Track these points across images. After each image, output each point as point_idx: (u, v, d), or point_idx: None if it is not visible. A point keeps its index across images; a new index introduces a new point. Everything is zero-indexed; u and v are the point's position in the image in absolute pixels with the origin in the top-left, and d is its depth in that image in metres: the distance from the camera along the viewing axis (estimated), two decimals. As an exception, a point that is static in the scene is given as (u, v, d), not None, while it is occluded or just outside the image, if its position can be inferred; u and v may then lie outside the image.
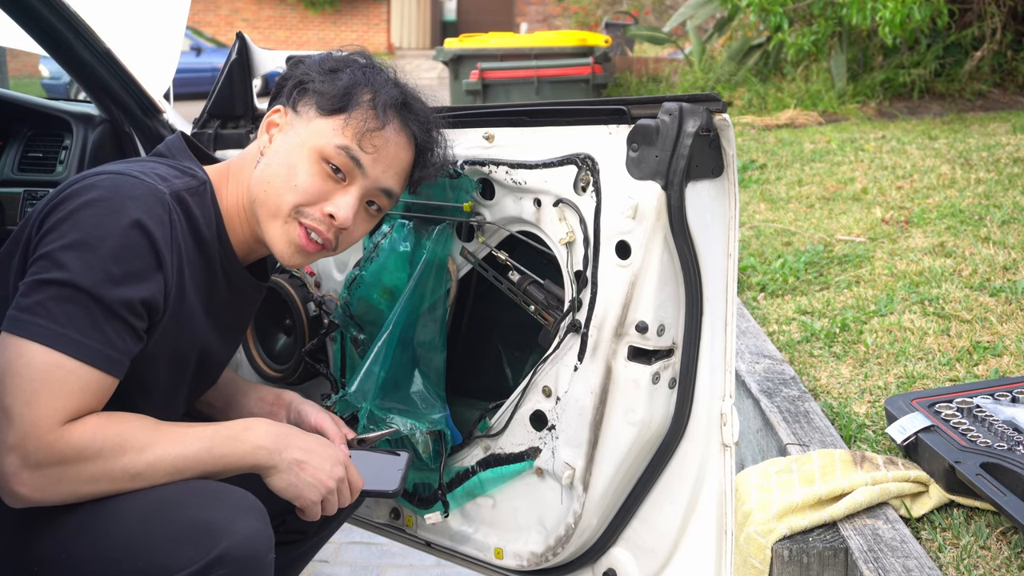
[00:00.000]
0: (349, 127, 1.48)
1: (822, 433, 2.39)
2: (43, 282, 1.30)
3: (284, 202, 1.48)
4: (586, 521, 1.63)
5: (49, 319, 1.28)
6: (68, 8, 2.08)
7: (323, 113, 1.49)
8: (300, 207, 1.48)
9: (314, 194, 1.48)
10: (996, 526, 1.99)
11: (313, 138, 1.48)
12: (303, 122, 1.50)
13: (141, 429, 1.37)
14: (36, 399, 1.28)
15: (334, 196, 1.49)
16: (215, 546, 1.29)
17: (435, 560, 2.40)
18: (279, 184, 1.48)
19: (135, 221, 1.33)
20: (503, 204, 1.68)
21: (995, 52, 7.70)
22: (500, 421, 1.74)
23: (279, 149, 1.50)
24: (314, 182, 1.48)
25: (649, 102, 1.50)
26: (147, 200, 1.36)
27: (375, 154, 1.50)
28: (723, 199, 1.51)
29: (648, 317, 1.50)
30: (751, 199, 5.09)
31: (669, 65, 10.81)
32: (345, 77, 1.51)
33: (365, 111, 1.50)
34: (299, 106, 1.51)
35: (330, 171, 1.48)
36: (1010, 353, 2.77)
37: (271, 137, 1.52)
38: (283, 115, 1.52)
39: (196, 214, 1.46)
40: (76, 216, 1.33)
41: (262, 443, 1.42)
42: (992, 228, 3.90)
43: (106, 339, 1.32)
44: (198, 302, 1.49)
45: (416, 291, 1.77)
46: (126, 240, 1.33)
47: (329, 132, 1.48)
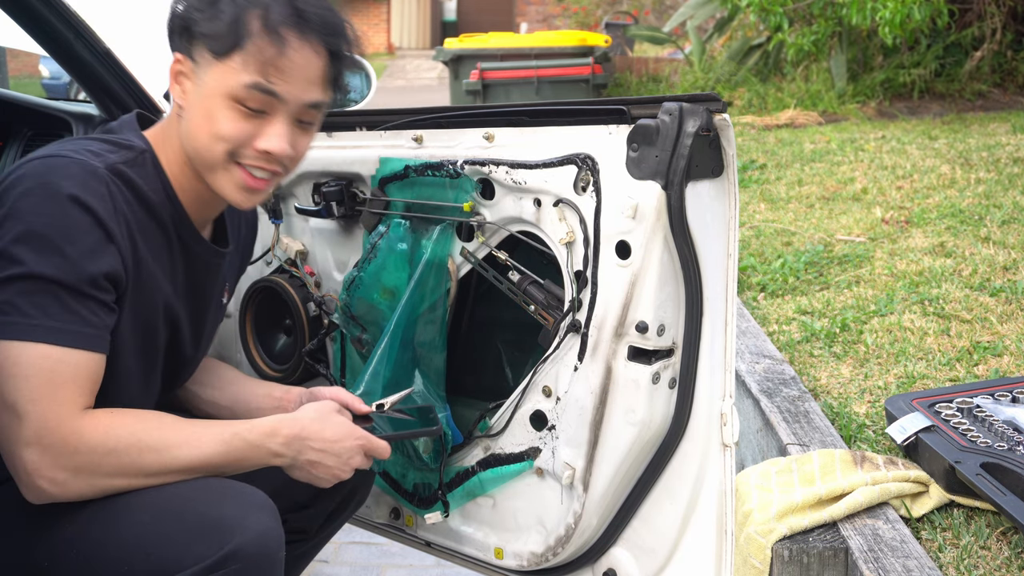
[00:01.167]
0: (249, 64, 1.41)
1: (822, 433, 2.39)
2: (3, 281, 1.30)
3: (215, 153, 1.44)
4: (586, 521, 1.63)
5: (21, 315, 1.29)
6: (68, 8, 2.08)
7: (218, 57, 1.41)
8: (232, 152, 1.45)
9: (241, 137, 1.44)
10: (996, 526, 1.99)
11: (218, 84, 1.42)
12: (203, 69, 1.43)
13: (159, 428, 1.39)
14: (39, 394, 1.29)
15: (262, 131, 1.44)
16: (227, 542, 1.30)
17: (435, 560, 2.40)
18: (204, 137, 1.44)
19: (74, 199, 1.33)
20: (503, 204, 1.68)
21: (995, 52, 7.70)
22: (500, 421, 1.74)
23: (193, 102, 1.45)
24: (236, 126, 1.43)
25: (649, 102, 1.50)
26: (81, 177, 1.35)
27: (286, 78, 1.43)
28: (723, 199, 1.51)
29: (648, 317, 1.50)
30: (751, 199, 5.09)
31: (669, 65, 10.81)
32: (226, 8, 1.41)
33: (258, 40, 1.41)
34: (194, 53, 1.44)
35: (248, 111, 1.43)
36: (1010, 353, 2.77)
37: (183, 90, 1.46)
38: (183, 63, 1.45)
39: (138, 183, 1.43)
40: (16, 209, 1.33)
41: (279, 451, 1.44)
42: (992, 228, 3.90)
43: (82, 319, 1.33)
44: (157, 269, 1.48)
45: (416, 291, 1.77)
46: (70, 220, 1.33)
47: (231, 75, 1.41)
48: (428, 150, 1.77)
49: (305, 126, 1.50)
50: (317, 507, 1.74)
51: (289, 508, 1.68)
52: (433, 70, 18.35)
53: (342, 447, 1.48)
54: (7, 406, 1.30)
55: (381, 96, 8.16)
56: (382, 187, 1.83)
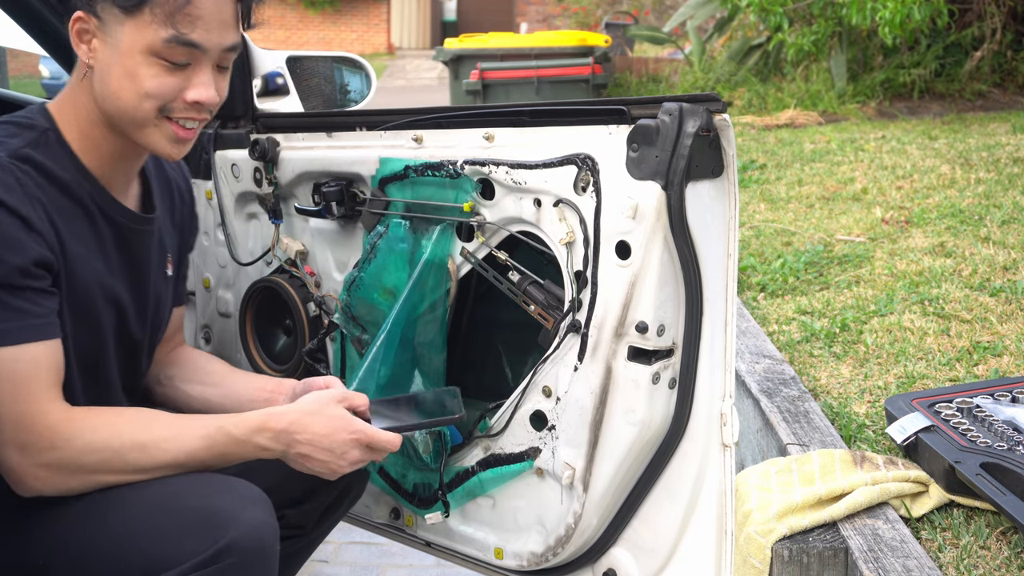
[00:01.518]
0: (159, 17, 1.38)
1: (822, 433, 2.39)
2: None
3: (144, 111, 1.42)
4: (586, 521, 1.63)
5: None
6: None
7: (127, 12, 1.38)
8: (162, 108, 1.44)
9: (170, 92, 1.42)
10: (996, 526, 1.99)
11: (134, 41, 1.39)
12: (112, 27, 1.39)
13: (142, 424, 1.38)
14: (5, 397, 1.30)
15: (189, 83, 1.43)
16: (222, 536, 1.30)
17: (435, 560, 2.40)
18: (129, 97, 1.41)
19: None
20: (503, 204, 1.68)
21: (995, 52, 7.70)
22: (500, 421, 1.74)
23: (108, 60, 1.41)
24: (162, 81, 1.41)
25: (649, 102, 1.50)
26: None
27: (201, 25, 1.40)
28: (723, 199, 1.51)
29: (648, 317, 1.50)
30: (751, 199, 5.09)
31: (669, 65, 10.81)
32: None
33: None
34: (99, 10, 1.39)
35: (171, 65, 1.41)
36: (1010, 353, 2.77)
37: (91, 48, 1.41)
38: (87, 22, 1.40)
39: (47, 164, 1.40)
40: None
41: (266, 445, 1.43)
42: (992, 228, 3.90)
43: (23, 312, 1.32)
44: (83, 249, 1.45)
45: (416, 291, 1.77)
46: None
47: (145, 30, 1.38)
48: (428, 150, 1.77)
49: (223, 70, 1.50)
50: (313, 502, 1.74)
51: (285, 504, 1.68)
52: (433, 70, 18.35)
53: (333, 441, 1.44)
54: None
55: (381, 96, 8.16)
56: (382, 187, 1.83)
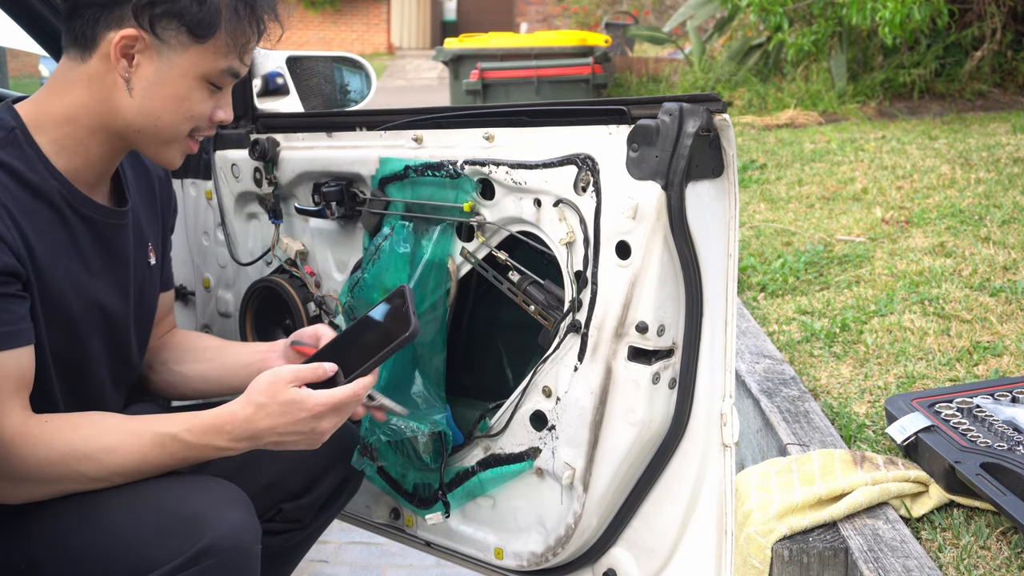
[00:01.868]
0: (222, 48, 1.44)
1: (822, 433, 2.39)
2: None
3: (181, 131, 1.48)
4: (586, 521, 1.63)
5: None
6: (68, 8, 2.08)
7: (198, 40, 1.42)
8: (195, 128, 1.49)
9: (206, 114, 1.50)
10: (996, 526, 1.99)
11: (193, 66, 1.43)
12: (174, 50, 1.42)
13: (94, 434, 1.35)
14: None
15: (217, 103, 1.51)
16: (201, 537, 1.29)
17: (435, 560, 2.40)
18: (172, 117, 1.45)
19: None
20: (503, 204, 1.68)
21: (995, 52, 7.70)
22: (500, 421, 1.74)
23: (156, 80, 1.42)
24: (205, 105, 1.49)
25: (649, 102, 1.50)
26: None
27: (247, 59, 1.51)
28: (723, 199, 1.51)
29: (648, 317, 1.50)
30: (751, 199, 5.09)
31: (669, 65, 10.81)
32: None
33: (237, 25, 1.44)
34: (161, 31, 1.40)
35: (215, 89, 1.49)
36: (1010, 353, 2.77)
37: (132, 64, 1.42)
38: (140, 40, 1.40)
39: (14, 165, 1.39)
40: None
41: (227, 446, 1.40)
42: (992, 228, 3.90)
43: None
44: (55, 252, 1.44)
45: (416, 291, 1.77)
46: None
47: (211, 58, 1.44)
48: (428, 150, 1.77)
49: None
50: (311, 496, 1.74)
51: (284, 498, 1.68)
52: (433, 70, 18.35)
53: (295, 423, 1.39)
54: None
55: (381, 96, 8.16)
56: (382, 187, 1.83)
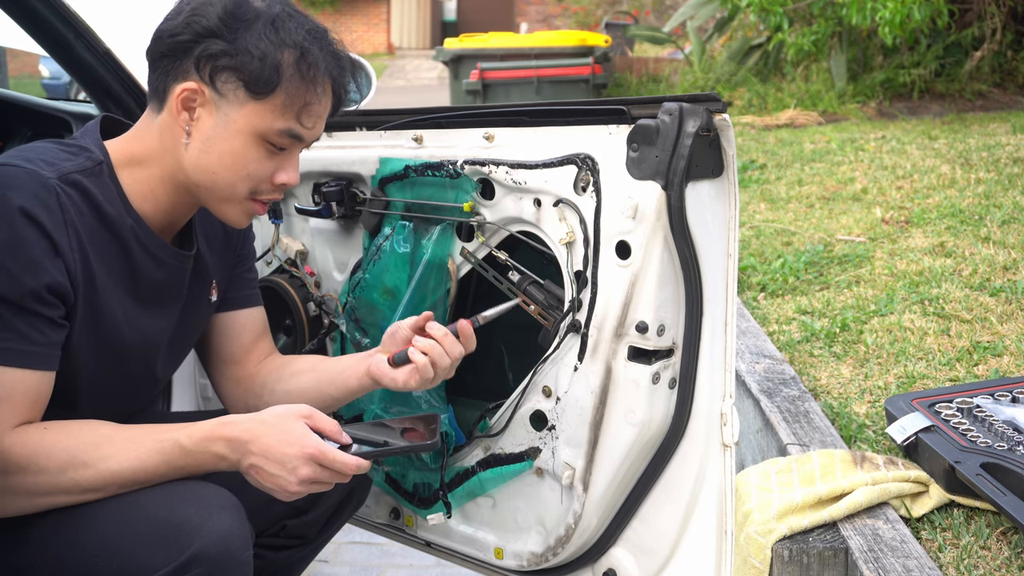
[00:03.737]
0: (282, 107, 1.41)
1: (822, 433, 2.39)
2: None
3: (238, 191, 1.46)
4: (586, 521, 1.63)
5: None
6: (68, 8, 2.08)
7: (255, 97, 1.40)
8: (253, 189, 1.47)
9: (265, 174, 1.46)
10: (996, 526, 1.99)
11: (251, 124, 1.41)
12: (232, 105, 1.40)
13: (93, 442, 1.33)
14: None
15: (280, 166, 1.47)
16: (189, 545, 1.27)
17: (435, 560, 2.40)
18: (227, 174, 1.43)
19: (20, 210, 1.29)
20: (503, 204, 1.68)
21: (995, 52, 7.70)
22: (500, 421, 1.74)
23: (213, 135, 1.42)
24: (263, 165, 1.45)
25: (649, 102, 1.50)
26: (30, 187, 1.32)
27: (313, 122, 1.46)
28: (723, 199, 1.51)
29: (648, 317, 1.50)
30: (751, 199, 5.09)
31: (669, 65, 10.81)
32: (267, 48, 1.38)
33: (295, 84, 1.41)
34: (220, 85, 1.39)
35: (274, 149, 1.45)
36: (1010, 353, 2.77)
37: (193, 117, 1.42)
38: (201, 93, 1.40)
39: (94, 193, 1.39)
40: None
41: (222, 453, 1.36)
42: (992, 228, 3.90)
43: (21, 335, 1.29)
44: (113, 283, 1.43)
45: (416, 291, 1.77)
46: (14, 231, 1.29)
47: (268, 117, 1.41)
48: (428, 150, 1.77)
49: None
50: (315, 512, 1.71)
51: (288, 514, 1.67)
52: (433, 70, 18.34)
53: (284, 454, 1.34)
54: None
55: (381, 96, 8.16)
56: (382, 187, 1.83)
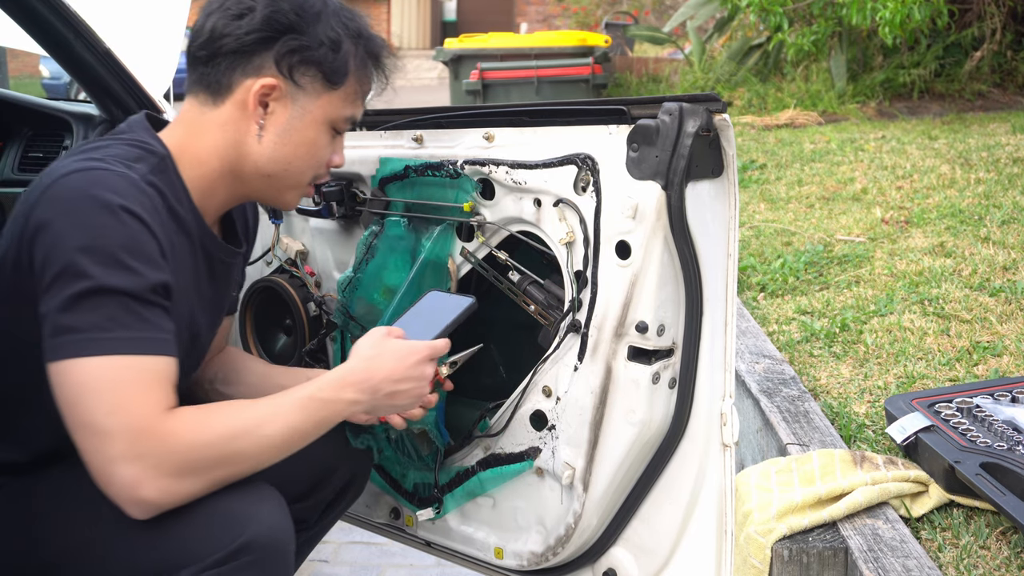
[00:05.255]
0: (351, 95, 1.51)
1: (822, 433, 2.39)
2: (73, 297, 1.26)
3: (307, 175, 1.54)
4: (586, 521, 1.63)
5: (96, 330, 1.26)
6: (68, 8, 2.08)
7: (332, 87, 1.48)
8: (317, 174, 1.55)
9: (328, 158, 1.55)
10: (996, 526, 1.99)
11: (326, 112, 1.50)
12: (309, 97, 1.48)
13: (242, 411, 1.37)
14: (122, 407, 1.25)
15: (335, 149, 1.57)
16: (241, 533, 1.31)
17: (435, 560, 2.40)
18: (301, 163, 1.51)
19: (126, 210, 1.31)
20: (503, 204, 1.68)
21: (995, 52, 7.70)
22: (500, 421, 1.74)
23: (289, 127, 1.48)
24: (328, 150, 1.54)
25: (649, 102, 1.50)
26: (126, 188, 1.33)
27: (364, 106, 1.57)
28: (723, 199, 1.51)
29: (648, 317, 1.50)
30: (751, 199, 5.09)
31: (669, 65, 10.81)
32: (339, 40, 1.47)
33: (362, 73, 1.52)
34: (299, 77, 1.46)
35: (335, 135, 1.55)
36: (1010, 353, 2.77)
37: (267, 111, 1.47)
38: (279, 88, 1.46)
39: (167, 194, 1.42)
40: (70, 224, 1.29)
41: (355, 398, 1.44)
42: (992, 228, 3.90)
43: (153, 326, 1.31)
44: (185, 283, 1.47)
45: (416, 291, 1.77)
46: (128, 230, 1.31)
47: (339, 104, 1.51)
48: (428, 150, 1.77)
49: None
50: (315, 498, 1.74)
51: (288, 499, 1.68)
52: (433, 70, 18.34)
53: (408, 368, 1.48)
54: (87, 426, 1.26)
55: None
56: (382, 187, 1.83)
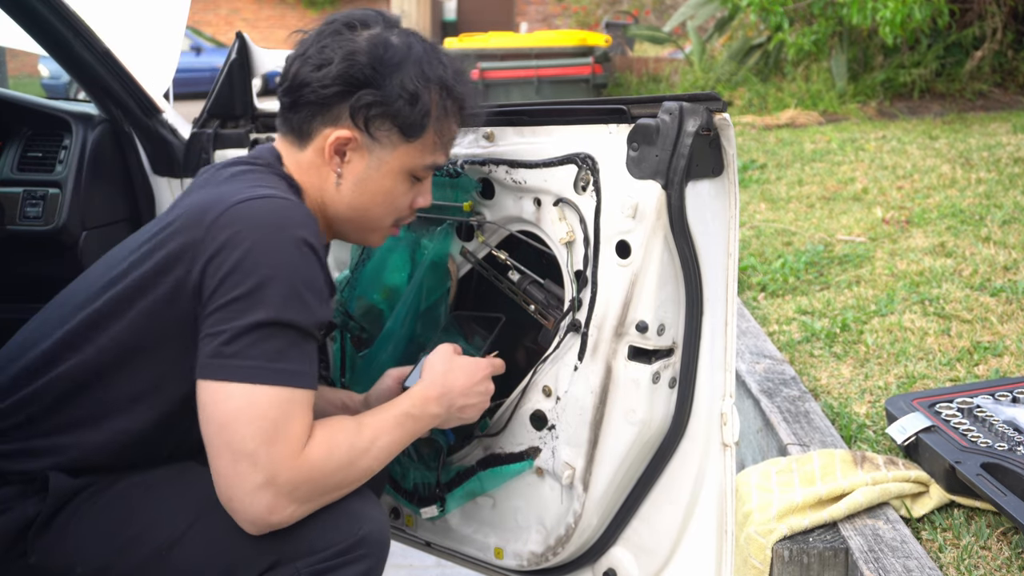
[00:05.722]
0: (429, 145, 1.53)
1: (822, 433, 2.39)
2: (250, 326, 1.31)
3: (386, 222, 1.58)
4: (586, 521, 1.63)
5: (264, 359, 1.31)
6: (68, 8, 2.08)
7: (409, 139, 1.51)
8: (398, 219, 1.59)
9: (408, 205, 1.58)
10: (996, 526, 1.99)
11: (403, 163, 1.52)
12: (385, 149, 1.51)
13: (359, 433, 1.42)
14: (276, 437, 1.31)
15: (420, 191, 1.59)
16: (358, 529, 1.39)
17: (435, 560, 2.39)
18: (379, 210, 1.55)
19: (309, 245, 1.36)
20: (503, 204, 1.68)
21: (995, 52, 7.70)
22: (500, 421, 1.74)
23: (366, 176, 1.52)
24: (407, 196, 1.57)
25: (649, 101, 1.50)
26: (306, 222, 1.39)
27: (448, 152, 1.59)
28: (723, 198, 1.51)
29: (648, 317, 1.50)
30: (751, 199, 5.09)
31: (669, 65, 10.82)
32: (418, 92, 1.48)
33: (444, 123, 1.54)
34: (375, 131, 1.49)
35: (415, 181, 1.57)
36: (1010, 353, 2.77)
37: (344, 160, 1.51)
38: (356, 138, 1.49)
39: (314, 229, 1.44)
40: (258, 252, 1.33)
41: (437, 412, 1.54)
42: (992, 228, 3.90)
43: (310, 360, 1.37)
44: None
45: (416, 291, 1.77)
46: (309, 265, 1.36)
47: (418, 155, 1.53)
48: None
49: None
50: None
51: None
52: (433, 70, 18.30)
53: (476, 383, 1.59)
54: (238, 450, 1.30)
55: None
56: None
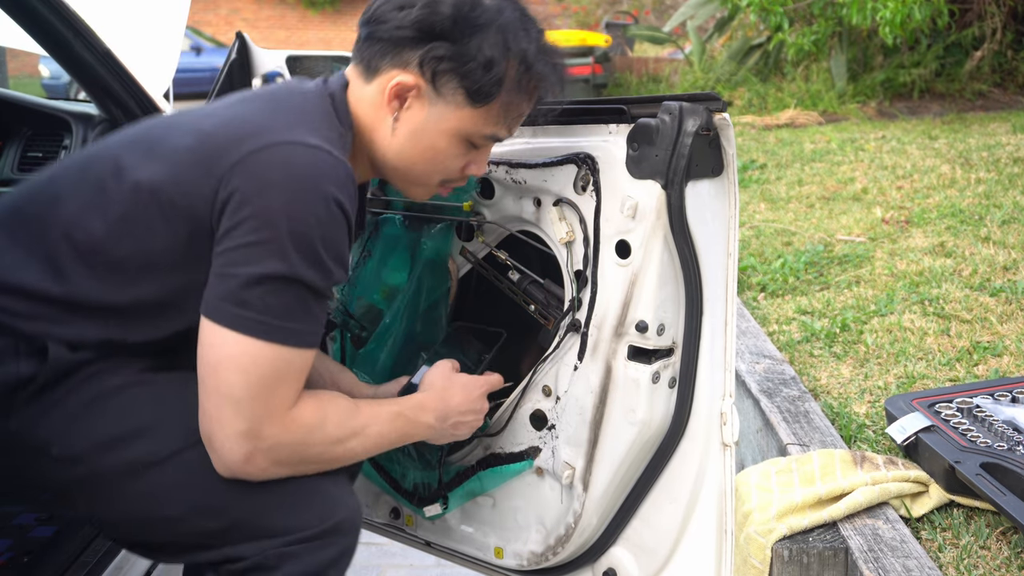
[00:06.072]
0: (494, 116, 1.44)
1: (822, 433, 2.39)
2: (262, 276, 1.27)
3: (432, 180, 1.51)
4: (586, 520, 1.63)
5: (270, 314, 1.28)
6: (68, 8, 2.08)
7: (474, 104, 1.42)
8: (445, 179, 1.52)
9: (458, 168, 1.50)
10: (996, 526, 1.99)
11: (462, 125, 1.44)
12: (448, 106, 1.42)
13: (352, 417, 1.42)
14: (266, 392, 1.30)
15: (471, 159, 1.51)
16: (332, 515, 1.38)
17: (435, 560, 2.40)
18: (425, 166, 1.48)
19: (339, 204, 1.31)
20: (503, 203, 1.68)
21: (995, 52, 7.71)
22: (500, 420, 1.74)
23: (421, 129, 1.44)
24: (458, 160, 1.49)
25: (649, 101, 1.50)
26: (344, 182, 1.33)
27: (514, 126, 1.50)
28: (723, 198, 1.51)
29: (648, 316, 1.50)
30: (751, 199, 5.09)
31: (669, 65, 10.82)
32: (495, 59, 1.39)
33: (515, 97, 1.45)
34: (441, 86, 1.40)
35: (472, 147, 1.49)
36: (1010, 353, 2.77)
37: (404, 106, 1.43)
38: (421, 85, 1.41)
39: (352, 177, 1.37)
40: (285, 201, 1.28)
41: (431, 423, 1.55)
42: (992, 228, 3.90)
43: (316, 321, 1.34)
44: None
45: (416, 291, 1.77)
46: (335, 225, 1.31)
47: (479, 122, 1.44)
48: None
49: None
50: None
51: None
52: (433, 70, 18.32)
53: (472, 402, 1.60)
54: (225, 395, 1.29)
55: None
56: (382, 187, 1.83)
